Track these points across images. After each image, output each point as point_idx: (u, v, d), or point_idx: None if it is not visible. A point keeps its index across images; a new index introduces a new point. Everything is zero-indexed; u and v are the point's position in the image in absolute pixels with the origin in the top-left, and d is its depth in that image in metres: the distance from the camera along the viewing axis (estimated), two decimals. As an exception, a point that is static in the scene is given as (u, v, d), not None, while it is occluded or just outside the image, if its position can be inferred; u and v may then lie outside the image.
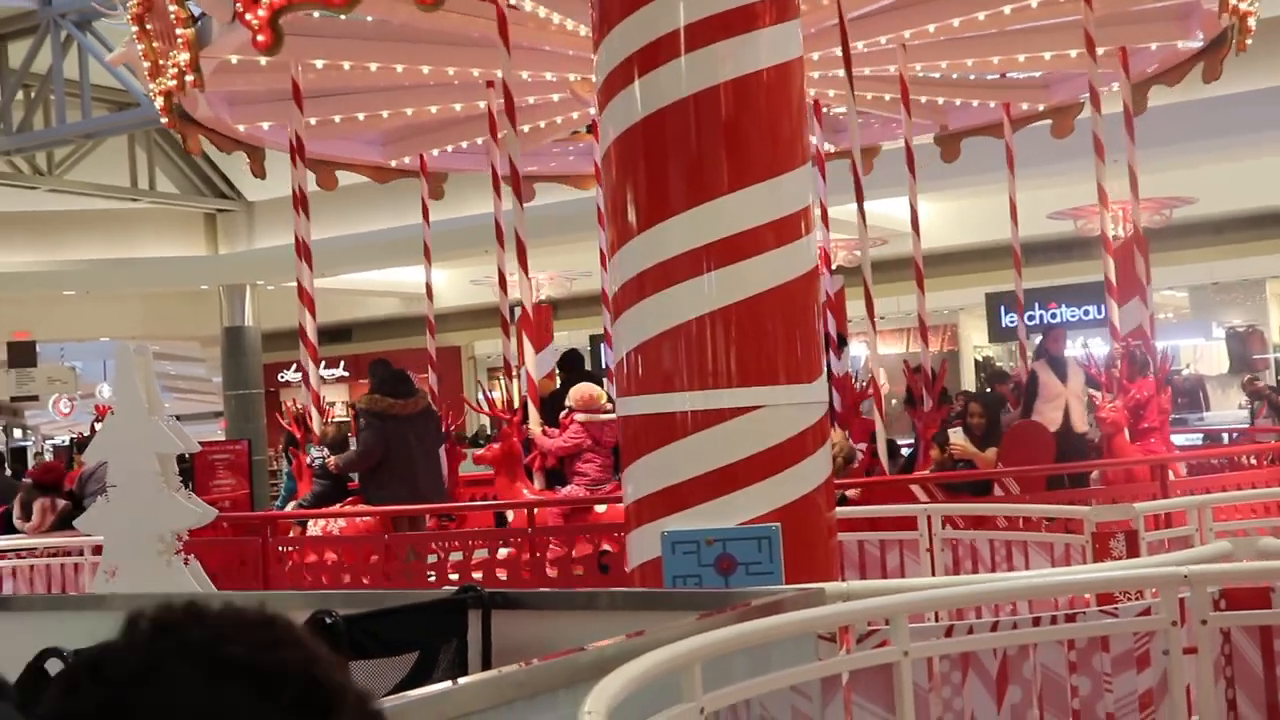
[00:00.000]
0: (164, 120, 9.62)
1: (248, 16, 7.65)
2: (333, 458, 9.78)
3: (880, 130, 13.16)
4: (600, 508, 8.79)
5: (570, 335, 20.46)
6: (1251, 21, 9.71)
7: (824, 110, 12.42)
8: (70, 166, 19.53)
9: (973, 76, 12.23)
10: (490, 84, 10.66)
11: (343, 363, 28.34)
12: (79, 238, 21.76)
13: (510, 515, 9.29)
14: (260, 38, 7.51)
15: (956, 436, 9.86)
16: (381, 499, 9.25)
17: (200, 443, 16.13)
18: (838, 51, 9.77)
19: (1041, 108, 12.38)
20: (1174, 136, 14.27)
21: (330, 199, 14.72)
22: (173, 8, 8.64)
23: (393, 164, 12.61)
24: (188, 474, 15.77)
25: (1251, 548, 4.09)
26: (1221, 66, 10.50)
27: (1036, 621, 3.63)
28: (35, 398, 27.96)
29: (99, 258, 21.60)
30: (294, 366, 27.43)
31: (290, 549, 8.85)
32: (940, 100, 12.62)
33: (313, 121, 10.75)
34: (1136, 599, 4.01)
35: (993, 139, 12.65)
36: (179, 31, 8.61)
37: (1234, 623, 3.59)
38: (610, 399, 10.36)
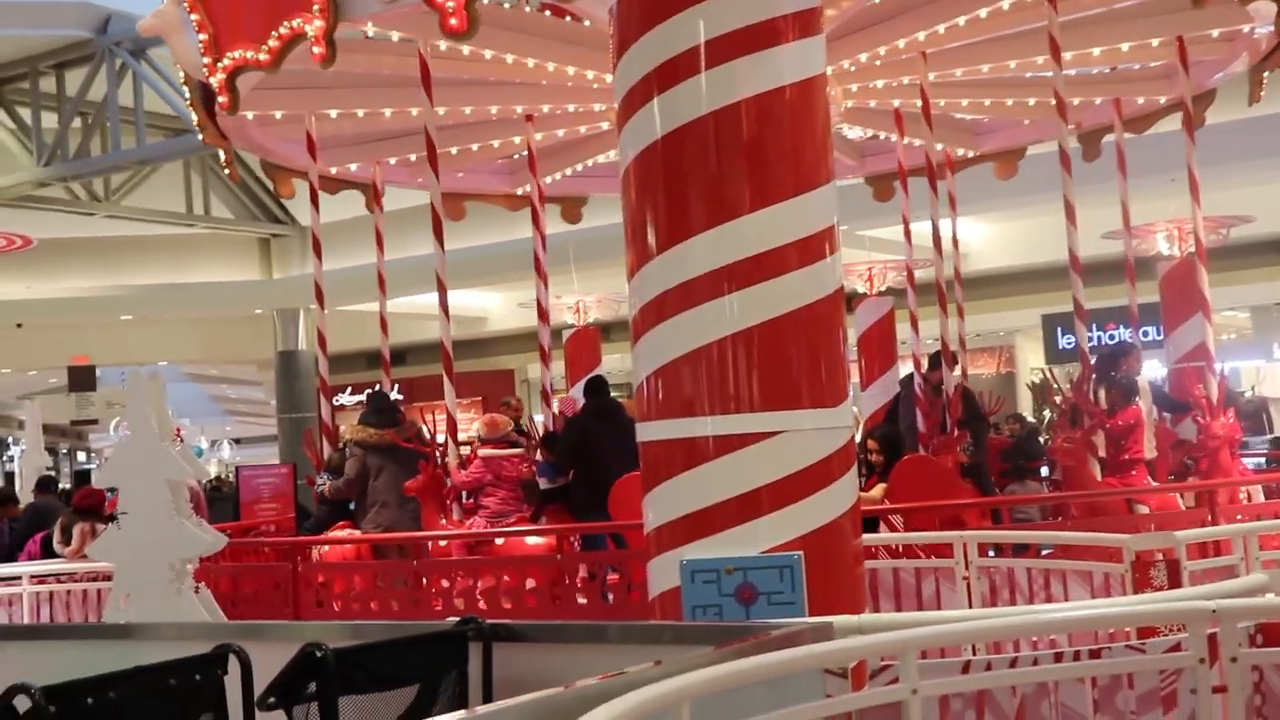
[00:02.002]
0: (200, 137, 9.58)
1: (211, 80, 7.57)
2: (327, 484, 10.08)
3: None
4: (499, 540, 9.13)
5: (624, 359, 20.37)
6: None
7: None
8: (127, 193, 19.76)
9: (1010, 102, 11.98)
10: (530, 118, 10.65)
11: (395, 386, 28.39)
12: (136, 263, 22.01)
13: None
14: (221, 99, 7.42)
15: None
16: (365, 527, 9.62)
17: (243, 467, 16.27)
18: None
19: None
20: (1230, 155, 14.00)
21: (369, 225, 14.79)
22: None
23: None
24: (230, 498, 15.88)
25: (1291, 580, 3.90)
26: (1263, 85, 10.27)
27: (1059, 657, 3.47)
28: (95, 421, 28.31)
29: (155, 282, 21.84)
30: (349, 390, 27.62)
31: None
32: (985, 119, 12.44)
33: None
34: (1178, 632, 3.84)
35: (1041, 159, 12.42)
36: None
37: (1267, 660, 3.41)
38: (519, 428, 10.56)
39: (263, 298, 23.14)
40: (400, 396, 28.41)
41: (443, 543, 9.24)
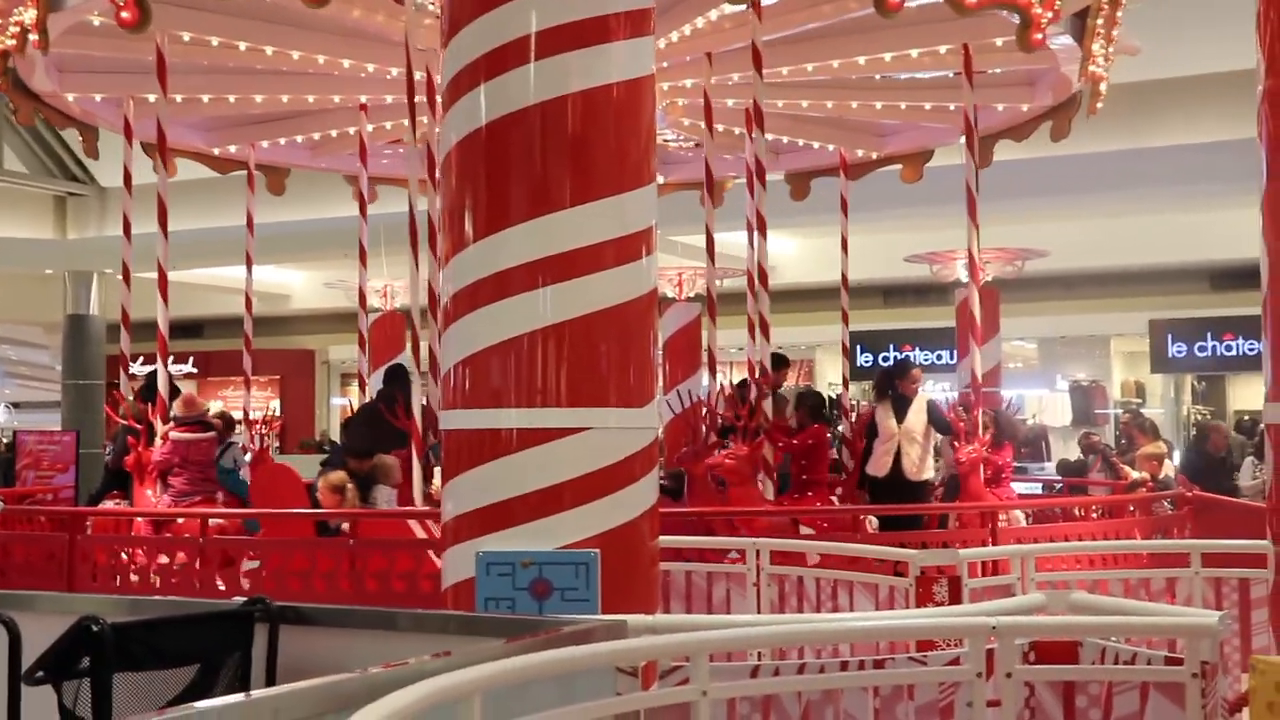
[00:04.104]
0: (-4, 82, 9.16)
1: None
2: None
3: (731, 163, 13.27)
4: (180, 520, 9.36)
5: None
6: (1103, 87, 9.96)
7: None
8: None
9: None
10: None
11: (191, 359, 27.60)
12: (-84, 213, 20.91)
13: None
14: (126, 14, 7.10)
15: None
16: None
17: (26, 432, 15.58)
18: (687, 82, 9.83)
19: (875, 155, 12.69)
20: (1025, 190, 14.60)
21: (186, 189, 14.32)
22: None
23: (216, 151, 12.31)
24: (7, 463, 15.16)
25: (1065, 600, 4.06)
26: (1070, 126, 10.78)
27: (844, 666, 3.55)
28: None
29: (-63, 234, 20.78)
30: (140, 360, 26.66)
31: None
32: (785, 139, 12.82)
33: (179, 99, 10.44)
34: (956, 646, 3.96)
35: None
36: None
37: (1039, 677, 3.54)
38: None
39: (55, 258, 22.21)
40: (195, 371, 27.71)
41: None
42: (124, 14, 7.36)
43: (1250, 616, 6.12)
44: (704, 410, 9.99)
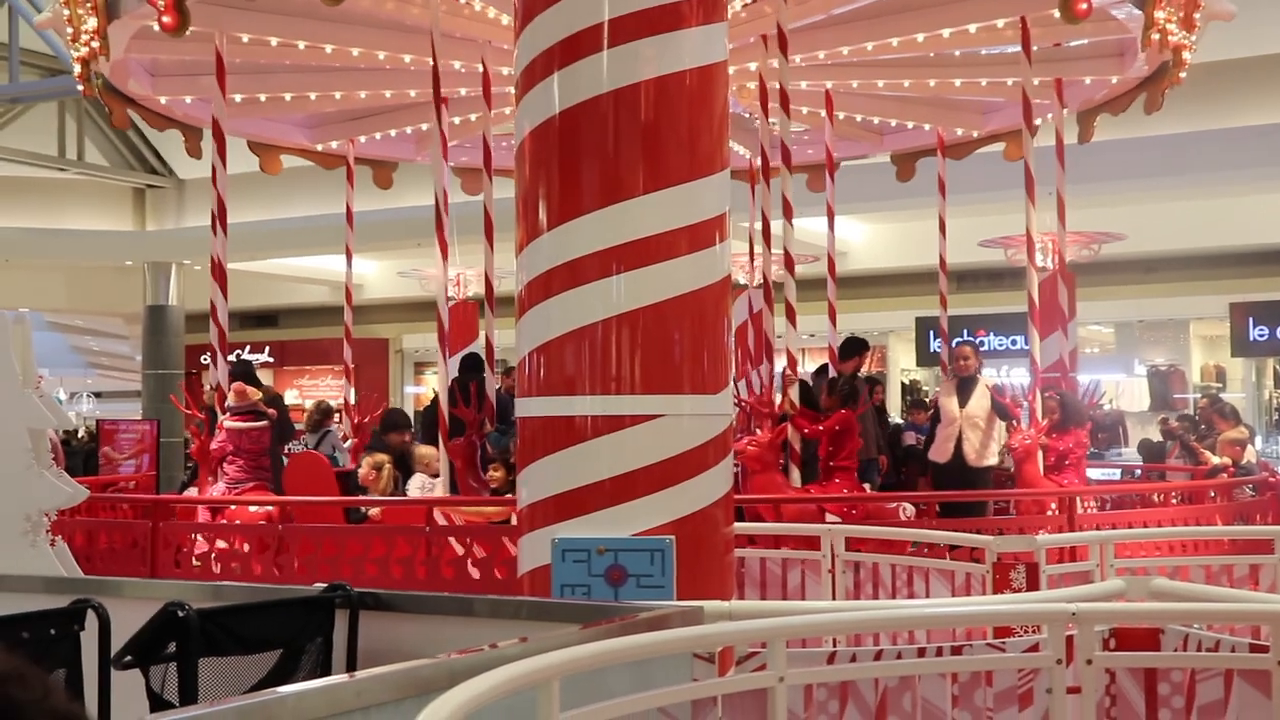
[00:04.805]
0: (80, 88, 9.34)
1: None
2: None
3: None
4: (233, 508, 9.48)
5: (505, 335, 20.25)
6: (1186, 55, 9.72)
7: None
8: (-3, 131, 19.13)
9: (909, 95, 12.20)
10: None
11: (268, 348, 27.94)
12: (2, 205, 21.28)
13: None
14: (166, 19, 7.23)
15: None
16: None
17: (110, 421, 15.86)
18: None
19: (976, 134, 12.39)
20: (1106, 173, 14.36)
21: (266, 182, 14.48)
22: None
23: (319, 148, 12.40)
24: (91, 452, 15.46)
25: (1146, 587, 4.01)
26: (1163, 99, 10.49)
27: (922, 652, 3.53)
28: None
29: (23, 226, 21.13)
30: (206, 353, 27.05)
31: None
32: (876, 120, 12.62)
33: (238, 98, 10.52)
34: (1035, 633, 3.92)
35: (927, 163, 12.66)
36: (90, -5, 8.34)
37: (1119, 664, 3.51)
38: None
39: (135, 249, 22.55)
40: (272, 360, 28.04)
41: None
42: (165, 18, 7.49)
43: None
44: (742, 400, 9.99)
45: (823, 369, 10.59)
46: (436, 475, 9.67)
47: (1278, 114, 14.62)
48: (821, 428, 9.39)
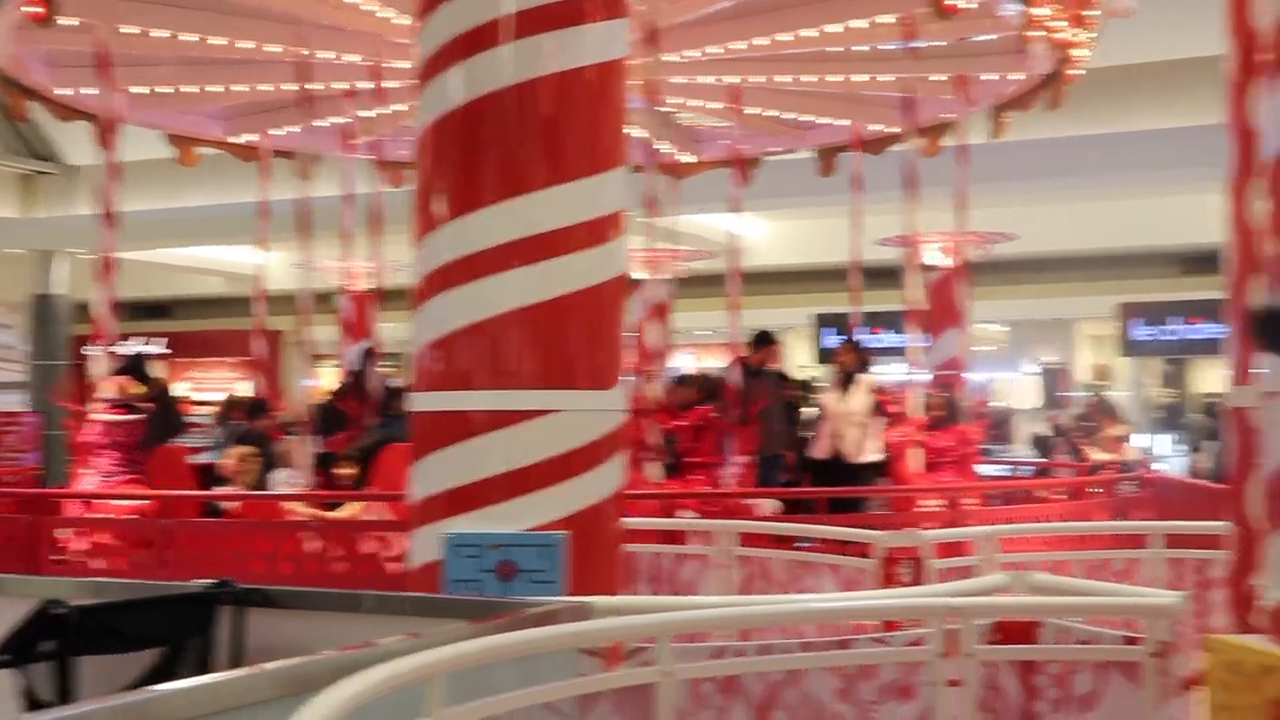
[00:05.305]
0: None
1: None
2: None
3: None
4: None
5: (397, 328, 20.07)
6: (1078, 53, 9.86)
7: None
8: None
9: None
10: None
11: (166, 340, 27.42)
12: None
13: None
14: (36, 9, 7.03)
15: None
16: None
17: (-2, 413, 15.46)
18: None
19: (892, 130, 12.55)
20: (1001, 173, 14.61)
21: (164, 169, 14.23)
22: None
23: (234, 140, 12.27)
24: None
25: (1026, 581, 4.10)
26: (1061, 96, 10.66)
27: (806, 647, 3.57)
28: None
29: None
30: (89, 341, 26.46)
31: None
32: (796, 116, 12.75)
33: (148, 91, 10.41)
34: (919, 627, 3.98)
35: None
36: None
37: (999, 657, 3.58)
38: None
39: (20, 237, 22.02)
40: (169, 351, 27.52)
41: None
42: (34, 8, 7.32)
43: (1208, 597, 6.18)
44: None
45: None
46: (298, 469, 9.77)
47: (1166, 119, 14.98)
48: (683, 424, 9.44)
